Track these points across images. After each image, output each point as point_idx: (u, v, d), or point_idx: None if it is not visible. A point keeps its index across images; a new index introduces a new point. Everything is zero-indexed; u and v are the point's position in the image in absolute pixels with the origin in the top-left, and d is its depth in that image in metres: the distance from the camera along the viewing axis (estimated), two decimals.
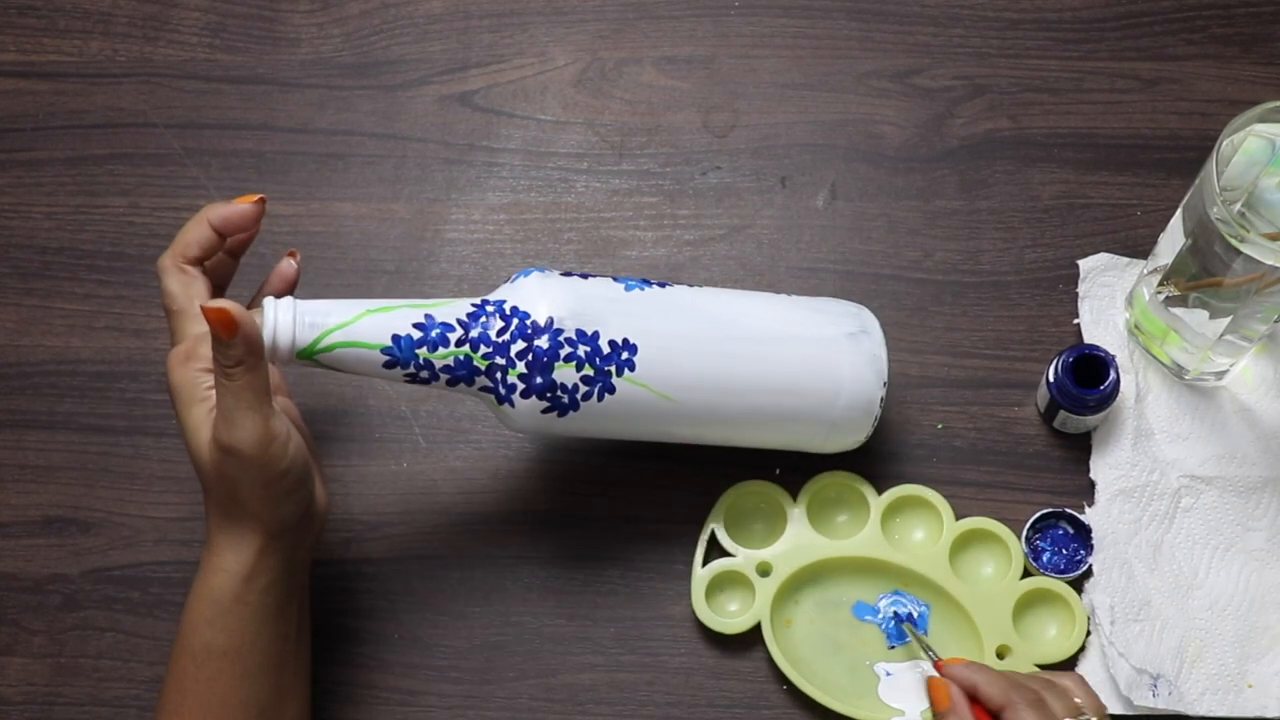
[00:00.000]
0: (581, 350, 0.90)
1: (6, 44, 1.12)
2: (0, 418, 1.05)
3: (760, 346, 0.94)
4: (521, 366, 0.89)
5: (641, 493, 1.03)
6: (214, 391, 0.86)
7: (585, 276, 0.93)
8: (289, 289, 0.94)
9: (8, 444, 1.05)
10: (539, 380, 0.89)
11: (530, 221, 1.08)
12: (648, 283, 0.94)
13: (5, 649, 1.01)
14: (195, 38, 1.12)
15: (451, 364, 0.89)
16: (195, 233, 0.91)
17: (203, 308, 0.83)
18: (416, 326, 0.88)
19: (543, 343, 0.89)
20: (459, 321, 0.89)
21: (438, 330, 0.88)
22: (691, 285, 0.96)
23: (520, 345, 0.89)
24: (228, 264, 0.94)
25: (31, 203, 1.09)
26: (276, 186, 1.09)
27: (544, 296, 0.90)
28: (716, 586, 1.00)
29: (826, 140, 1.09)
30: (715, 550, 1.01)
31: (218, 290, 0.93)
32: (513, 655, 1.00)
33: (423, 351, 0.88)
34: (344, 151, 1.10)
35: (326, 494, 0.93)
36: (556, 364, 0.89)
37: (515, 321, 0.90)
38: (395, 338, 0.88)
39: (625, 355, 0.91)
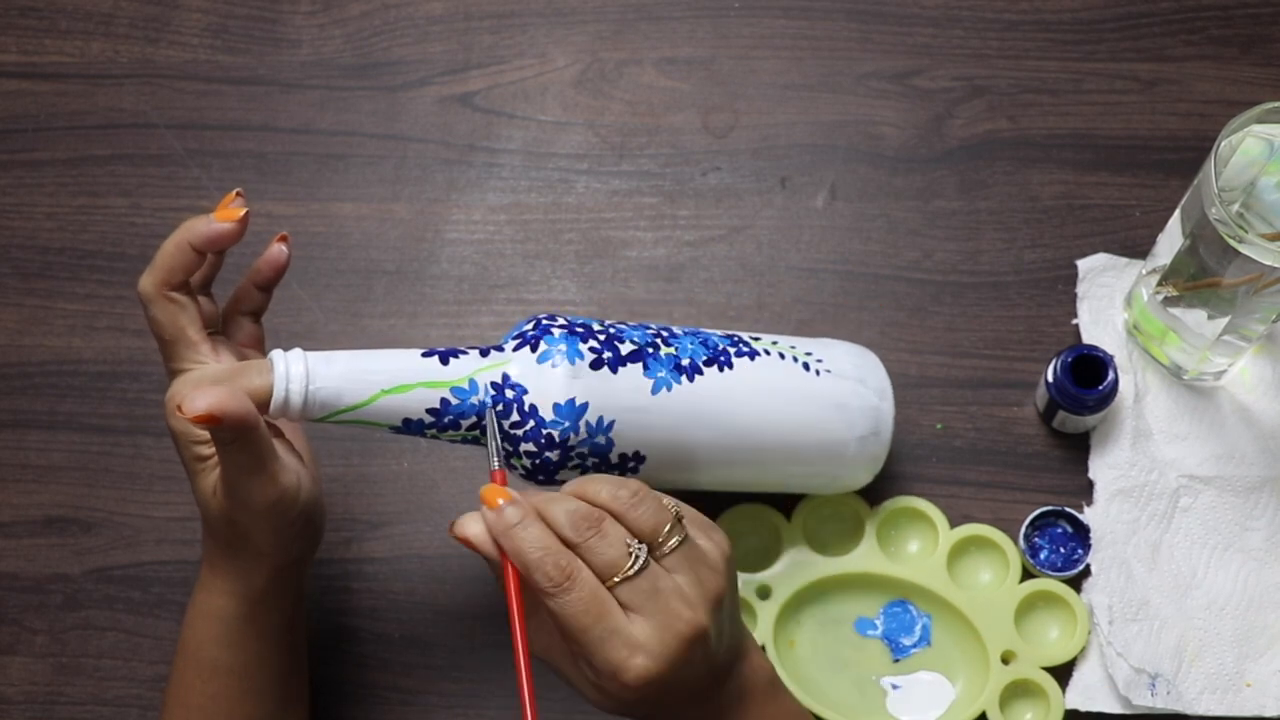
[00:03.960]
0: (590, 462, 0.88)
1: (8, 45, 1.12)
2: (1, 418, 1.05)
3: (770, 454, 0.92)
4: (527, 463, 0.87)
5: None
6: (214, 447, 0.84)
7: (616, 362, 0.88)
8: (278, 276, 0.89)
9: (9, 444, 1.05)
10: (540, 479, 0.88)
11: (530, 222, 1.08)
12: (679, 372, 0.89)
13: (7, 648, 1.01)
14: (196, 39, 1.12)
15: (459, 440, 0.87)
16: (177, 258, 0.85)
17: (185, 417, 0.78)
18: (430, 412, 0.85)
19: (553, 455, 0.87)
20: (474, 409, 0.86)
21: (451, 417, 0.85)
22: (725, 356, 0.91)
23: (530, 448, 0.86)
24: (212, 263, 0.89)
25: (33, 203, 1.09)
26: (277, 187, 1.09)
27: (568, 410, 0.86)
28: None
29: (826, 141, 1.10)
30: None
31: (201, 290, 0.89)
32: (513, 654, 1.00)
33: (432, 432, 0.86)
34: (345, 152, 1.10)
35: (321, 494, 0.91)
36: (562, 472, 0.87)
37: (531, 424, 0.86)
38: (406, 421, 0.85)
39: (632, 465, 0.89)
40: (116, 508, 1.03)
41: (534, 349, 0.87)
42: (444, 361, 0.86)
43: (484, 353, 0.87)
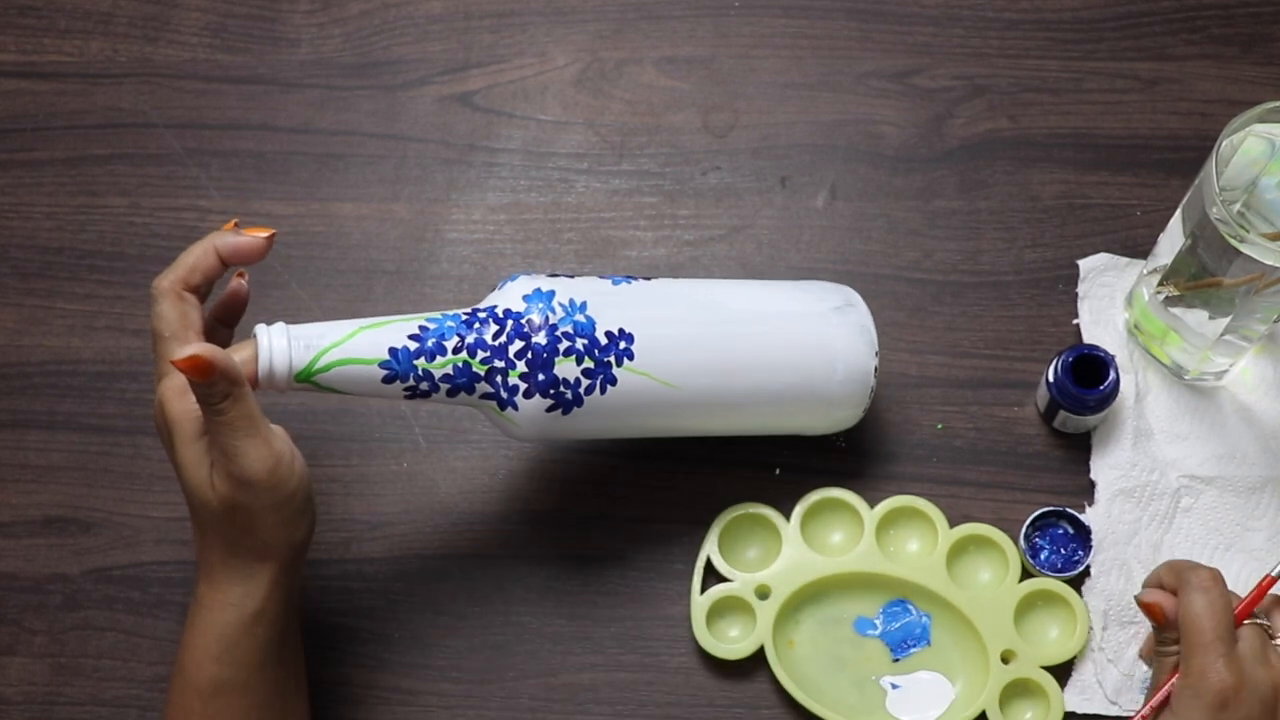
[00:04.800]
0: (579, 343, 0.90)
1: (7, 44, 1.12)
2: (1, 418, 1.05)
3: (754, 326, 0.94)
4: (522, 366, 0.89)
5: (641, 493, 1.03)
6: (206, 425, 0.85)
7: (570, 276, 0.93)
8: (240, 309, 0.93)
9: (8, 444, 1.05)
10: (541, 378, 0.89)
11: (530, 221, 1.08)
12: (632, 278, 0.94)
13: (6, 649, 1.01)
14: (196, 38, 1.12)
15: (451, 372, 0.89)
16: (202, 260, 0.88)
17: (172, 362, 0.81)
18: (412, 338, 0.88)
19: (540, 339, 0.89)
20: (454, 330, 0.89)
21: (433, 340, 0.88)
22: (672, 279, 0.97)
23: (518, 345, 0.89)
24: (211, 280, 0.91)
25: (32, 203, 1.09)
26: (277, 186, 1.09)
27: (536, 296, 0.90)
28: (716, 613, 1.00)
29: (826, 140, 1.09)
30: (712, 576, 1.01)
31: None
32: (513, 655, 1.00)
33: (420, 362, 0.88)
34: (344, 152, 1.10)
35: (310, 477, 0.90)
36: (556, 359, 0.89)
37: (510, 323, 0.89)
38: (392, 350, 0.87)
39: (623, 345, 0.91)
40: (116, 508, 1.03)
41: (493, 290, 0.93)
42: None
43: None
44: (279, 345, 0.86)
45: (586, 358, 0.90)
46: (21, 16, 1.13)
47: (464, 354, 0.89)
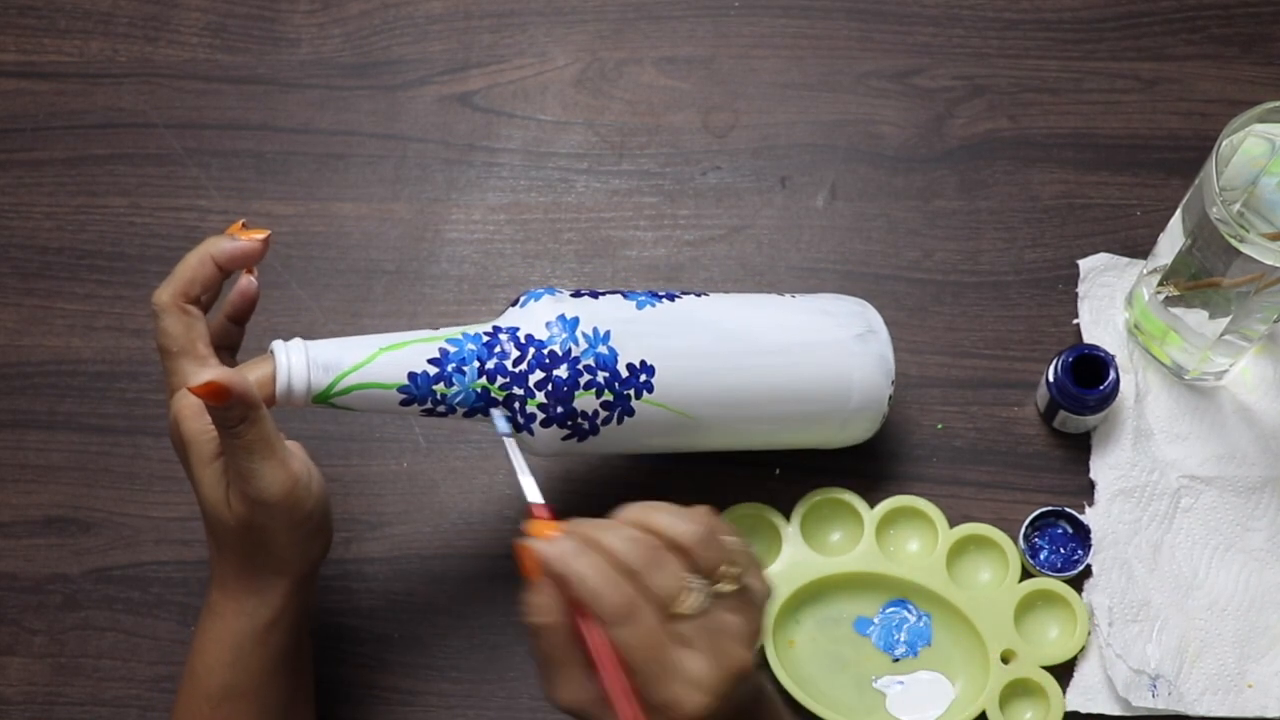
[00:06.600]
0: (600, 376, 0.89)
1: (7, 44, 1.12)
2: (0, 418, 1.05)
3: (774, 358, 0.93)
4: (541, 396, 0.88)
5: (641, 493, 1.02)
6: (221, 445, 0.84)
7: (595, 295, 0.92)
8: (251, 307, 0.91)
9: (8, 444, 1.05)
10: (559, 410, 0.89)
11: (530, 221, 1.08)
12: (656, 296, 0.93)
13: (6, 649, 1.01)
14: (196, 38, 1.12)
15: (466, 410, 0.88)
16: (199, 271, 0.87)
17: (190, 389, 0.80)
18: (432, 362, 0.87)
19: (562, 372, 0.88)
20: (474, 355, 0.88)
21: (453, 365, 0.87)
22: (698, 294, 0.95)
23: (539, 375, 0.88)
24: (214, 290, 0.90)
25: (32, 203, 1.09)
26: (277, 186, 1.09)
27: (560, 323, 0.89)
28: None
29: (826, 140, 1.09)
30: None
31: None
32: (513, 655, 1.00)
33: (439, 387, 0.87)
34: (344, 151, 1.10)
35: (327, 494, 0.91)
36: (576, 392, 0.88)
37: (532, 350, 0.88)
38: (411, 375, 0.87)
39: (644, 378, 0.90)
40: (116, 508, 1.03)
41: (515, 304, 0.91)
42: (433, 330, 0.90)
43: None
44: (297, 367, 0.85)
45: (606, 390, 0.89)
46: (21, 16, 1.13)
47: (483, 379, 0.88)
